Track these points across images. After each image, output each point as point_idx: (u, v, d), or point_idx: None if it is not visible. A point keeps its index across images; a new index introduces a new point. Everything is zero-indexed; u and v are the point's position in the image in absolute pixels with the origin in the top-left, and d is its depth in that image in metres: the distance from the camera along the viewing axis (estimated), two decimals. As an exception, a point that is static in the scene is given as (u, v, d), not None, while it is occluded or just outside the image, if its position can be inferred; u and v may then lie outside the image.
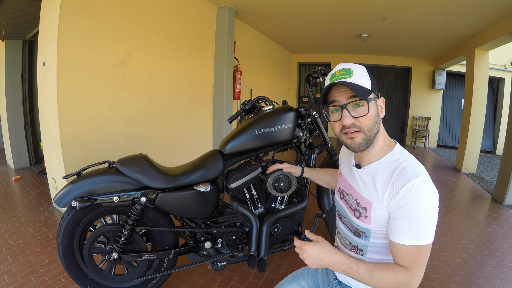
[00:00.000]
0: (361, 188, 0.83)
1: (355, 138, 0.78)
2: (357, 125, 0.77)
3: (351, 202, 0.87)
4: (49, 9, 2.28)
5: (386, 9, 3.76)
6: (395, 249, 0.73)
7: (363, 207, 0.81)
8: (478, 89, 4.65)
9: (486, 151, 7.27)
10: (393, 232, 0.73)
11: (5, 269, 1.78)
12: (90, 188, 1.31)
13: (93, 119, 2.47)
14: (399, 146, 0.82)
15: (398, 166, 0.75)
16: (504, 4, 3.25)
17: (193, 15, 3.60)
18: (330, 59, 7.49)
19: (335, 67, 0.84)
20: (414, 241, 0.69)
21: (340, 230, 0.96)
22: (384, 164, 0.79)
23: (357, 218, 0.84)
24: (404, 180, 0.71)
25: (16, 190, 3.21)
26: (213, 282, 1.75)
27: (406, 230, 0.70)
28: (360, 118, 0.76)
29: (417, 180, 0.70)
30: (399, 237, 0.71)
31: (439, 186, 4.03)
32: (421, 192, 0.69)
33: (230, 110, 4.27)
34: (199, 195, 1.46)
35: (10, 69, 3.85)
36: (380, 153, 0.81)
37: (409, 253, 0.71)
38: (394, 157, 0.78)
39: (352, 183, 0.88)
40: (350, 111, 0.77)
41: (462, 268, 1.99)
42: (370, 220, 0.79)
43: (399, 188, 0.72)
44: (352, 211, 0.87)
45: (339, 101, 0.78)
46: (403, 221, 0.71)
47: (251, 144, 1.54)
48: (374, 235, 0.81)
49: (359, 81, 0.76)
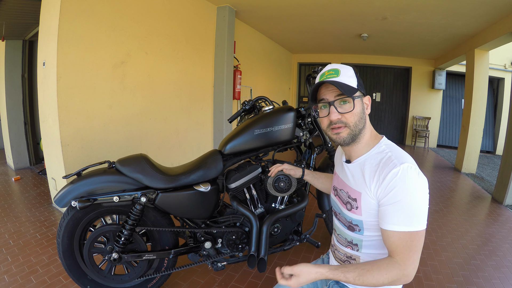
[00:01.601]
0: (351, 180, 0.87)
1: (340, 133, 0.83)
2: (343, 121, 0.82)
3: (343, 196, 0.91)
4: (49, 9, 2.28)
5: (386, 9, 3.76)
6: (386, 237, 0.74)
7: (353, 199, 0.85)
8: (478, 89, 4.65)
9: (486, 151, 7.27)
10: (383, 219, 0.75)
11: (5, 269, 1.78)
12: (90, 188, 1.32)
13: (93, 119, 2.47)
14: (385, 139, 0.86)
15: (384, 156, 0.79)
16: (504, 4, 3.24)
17: (193, 15, 3.60)
18: (330, 59, 7.48)
19: (324, 68, 0.90)
20: (404, 226, 0.70)
21: (336, 228, 0.99)
22: (371, 156, 0.83)
23: (349, 211, 0.87)
24: (390, 167, 0.74)
25: (16, 190, 3.21)
26: (213, 282, 1.75)
27: (394, 216, 0.71)
28: (346, 114, 0.82)
29: (402, 166, 0.73)
30: (388, 224, 0.73)
31: (439, 186, 4.04)
32: (407, 176, 0.72)
33: (230, 110, 4.26)
34: (199, 195, 1.46)
35: (10, 69, 3.85)
36: (367, 146, 0.85)
37: (400, 240, 0.71)
38: (381, 148, 0.83)
39: (343, 178, 0.93)
40: (337, 107, 0.82)
41: (462, 268, 1.99)
42: (361, 210, 0.82)
43: (385, 174, 0.74)
44: (344, 204, 0.90)
45: (327, 99, 0.84)
46: (391, 206, 0.72)
47: (251, 144, 1.54)
48: (367, 227, 0.83)
49: (346, 80, 0.82)
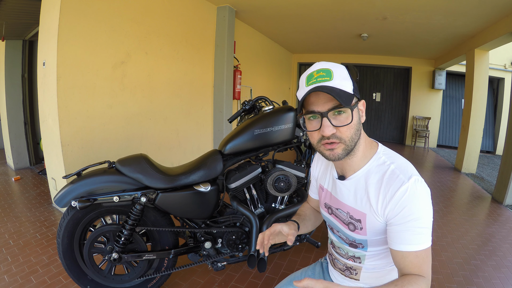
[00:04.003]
0: (351, 200, 0.77)
1: (334, 150, 0.70)
2: (337, 136, 0.69)
3: (343, 217, 0.81)
4: (49, 9, 2.28)
5: (386, 9, 3.76)
6: (401, 258, 0.67)
7: (357, 220, 0.76)
8: (478, 89, 4.65)
9: (486, 151, 7.27)
10: (395, 240, 0.68)
11: (5, 269, 1.78)
12: (90, 188, 1.32)
13: (93, 119, 2.47)
14: (382, 146, 0.77)
15: (387, 170, 0.70)
16: (504, 4, 3.24)
17: (193, 15, 3.60)
18: (330, 59, 7.34)
19: (311, 66, 0.73)
20: (419, 245, 0.65)
21: (334, 242, 0.90)
22: (371, 169, 0.73)
23: (352, 231, 0.78)
24: (396, 185, 0.67)
25: (16, 190, 3.21)
26: (213, 282, 1.75)
27: (408, 236, 0.66)
28: (342, 127, 0.68)
29: (410, 181, 0.66)
30: (403, 244, 0.66)
31: (439, 186, 4.03)
32: (416, 193, 0.66)
33: (230, 110, 4.26)
34: (199, 195, 1.46)
35: (10, 69, 3.85)
36: (364, 158, 0.75)
37: (417, 258, 0.66)
38: (380, 160, 0.73)
39: (339, 196, 0.81)
40: (331, 119, 0.68)
41: (462, 268, 1.99)
42: (366, 231, 0.75)
43: (392, 193, 0.67)
44: (345, 225, 0.80)
45: (318, 111, 0.69)
46: (403, 226, 0.66)
47: (251, 144, 1.54)
48: (371, 244, 0.77)
49: (341, 84, 0.68)
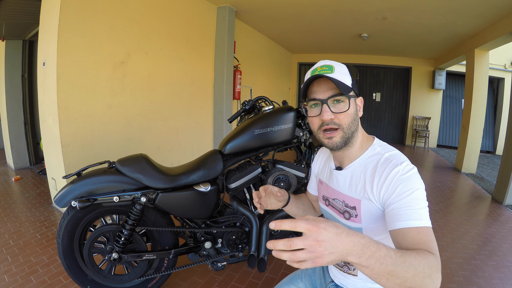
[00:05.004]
0: (346, 188, 0.82)
1: (333, 138, 0.77)
2: (336, 122, 0.76)
3: (338, 206, 0.85)
4: (49, 9, 2.28)
5: (386, 9, 3.76)
6: (402, 237, 0.64)
7: (352, 207, 0.79)
8: (478, 89, 4.65)
9: (486, 151, 7.27)
10: (394, 219, 0.67)
11: (5, 269, 1.78)
12: (90, 188, 1.32)
13: (93, 119, 2.47)
14: (378, 140, 0.83)
15: (381, 158, 0.76)
16: (504, 4, 3.25)
17: (193, 15, 3.60)
18: (330, 59, 7.11)
19: (316, 64, 0.82)
20: (418, 221, 0.64)
21: None
22: (366, 159, 0.79)
23: (347, 220, 0.81)
24: (391, 166, 0.71)
25: (16, 190, 3.21)
26: (213, 282, 1.75)
27: (406, 212, 0.66)
28: (340, 114, 0.75)
29: (402, 165, 0.71)
30: (401, 221, 0.65)
31: (439, 186, 4.04)
32: (409, 173, 0.69)
33: (230, 110, 4.26)
34: (199, 195, 1.46)
35: (10, 69, 3.85)
36: (361, 149, 0.81)
37: (420, 234, 0.63)
38: (375, 150, 0.79)
39: (335, 186, 0.86)
40: (330, 106, 0.76)
41: (462, 268, 1.99)
42: (360, 218, 0.77)
43: (386, 174, 0.71)
44: (341, 213, 0.84)
45: (319, 98, 0.77)
46: (399, 203, 0.67)
47: (251, 144, 1.54)
48: (367, 232, 0.77)
49: (341, 77, 0.76)
